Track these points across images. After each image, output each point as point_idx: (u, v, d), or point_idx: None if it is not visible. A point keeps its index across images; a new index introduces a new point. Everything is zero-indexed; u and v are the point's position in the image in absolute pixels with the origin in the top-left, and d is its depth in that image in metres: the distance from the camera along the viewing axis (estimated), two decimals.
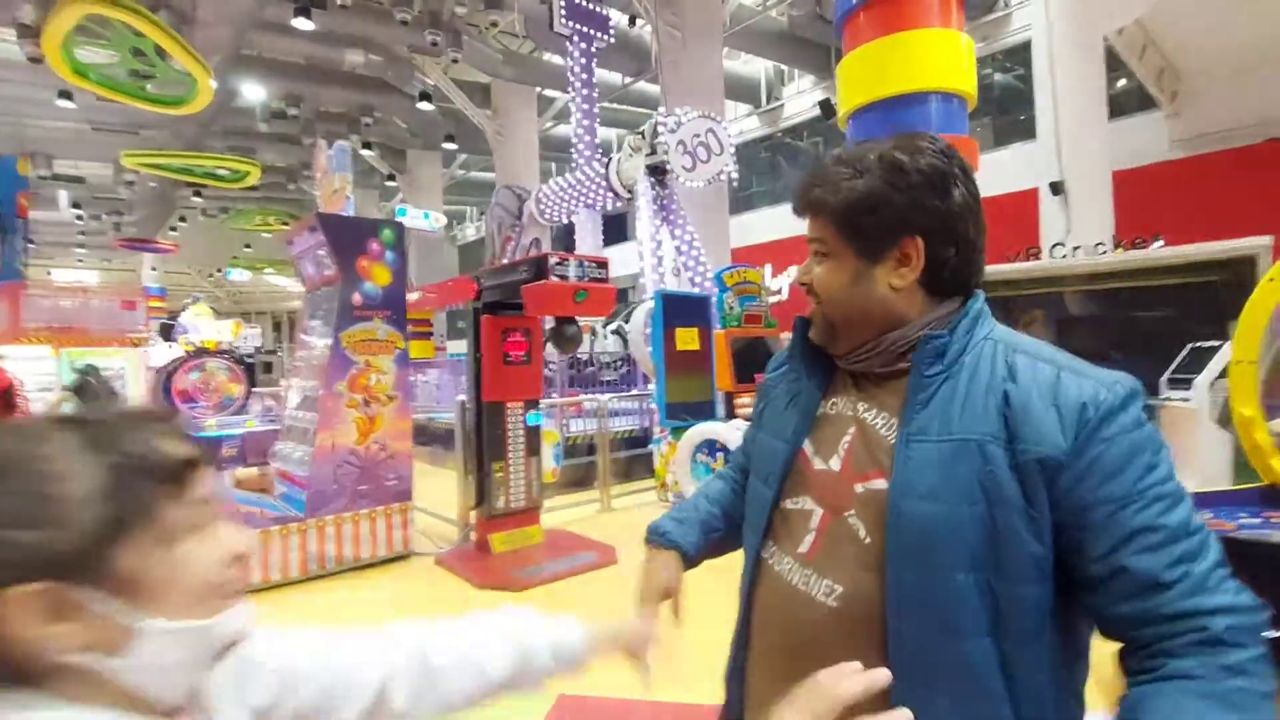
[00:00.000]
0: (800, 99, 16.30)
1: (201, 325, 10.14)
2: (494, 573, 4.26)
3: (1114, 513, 0.68)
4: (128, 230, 19.41)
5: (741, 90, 16.66)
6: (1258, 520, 2.17)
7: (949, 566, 0.70)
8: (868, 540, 0.77)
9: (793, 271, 15.90)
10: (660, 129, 8.13)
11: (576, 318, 4.23)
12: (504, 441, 4.69)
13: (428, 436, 8.80)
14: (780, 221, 16.08)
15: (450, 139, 16.46)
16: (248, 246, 23.57)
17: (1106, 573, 0.68)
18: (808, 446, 0.86)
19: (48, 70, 9.44)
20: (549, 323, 4.64)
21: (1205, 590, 0.65)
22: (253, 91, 13.07)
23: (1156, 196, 10.24)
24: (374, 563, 4.56)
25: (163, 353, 9.38)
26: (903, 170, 0.77)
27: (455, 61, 12.02)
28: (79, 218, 17.98)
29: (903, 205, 0.77)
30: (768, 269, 14.69)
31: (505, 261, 9.08)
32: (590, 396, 7.06)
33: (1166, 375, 5.57)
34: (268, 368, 9.90)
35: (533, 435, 4.86)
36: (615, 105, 16.00)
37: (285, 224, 18.67)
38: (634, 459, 7.36)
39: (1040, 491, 0.69)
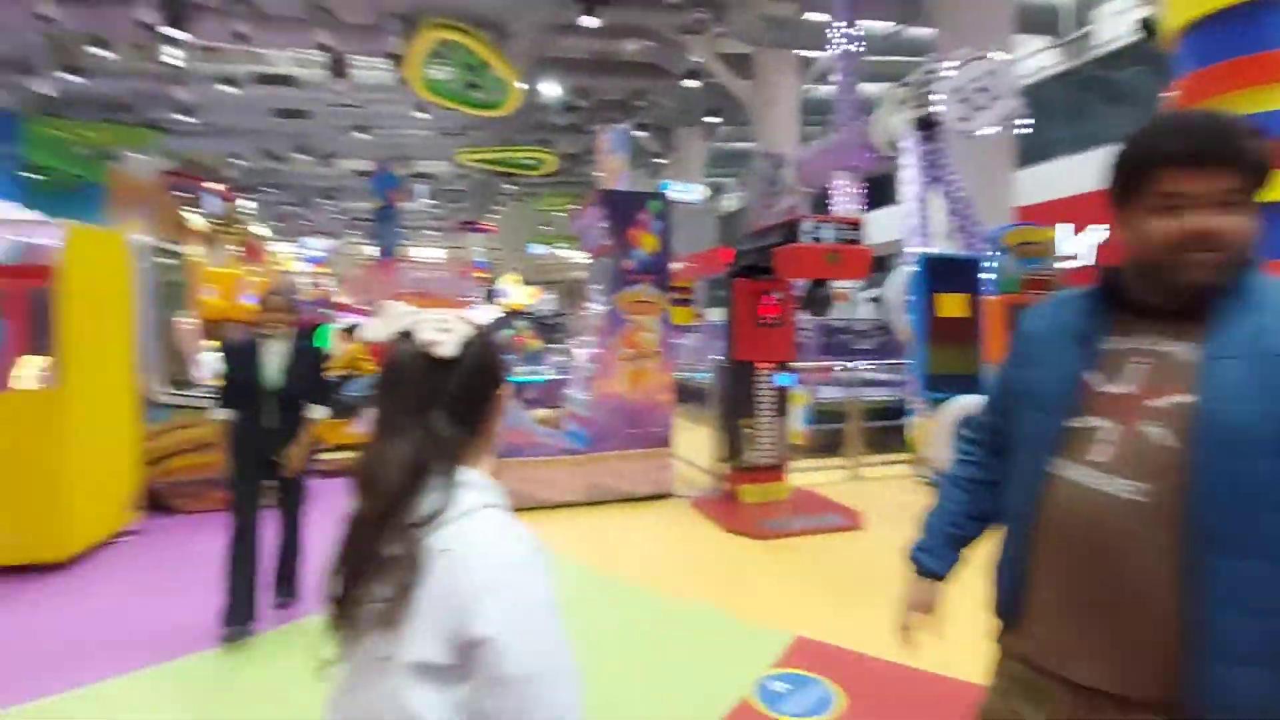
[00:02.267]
0: (1115, 22, 13.38)
1: (513, 291, 12.18)
2: (742, 520, 4.59)
3: None
4: (462, 215, 23.95)
5: (1036, 19, 14.25)
6: None
7: (1257, 455, 0.86)
8: (1169, 444, 0.91)
9: (1097, 231, 13.28)
10: (931, 76, 7.47)
11: (829, 280, 4.27)
12: (753, 400, 4.95)
13: (686, 394, 9.49)
14: (1086, 172, 13.52)
15: (713, 113, 16.97)
16: (546, 225, 27.33)
17: None
18: (1093, 375, 1.00)
19: (409, 91, 12.05)
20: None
21: None
22: (549, 89, 15.01)
23: None
24: (639, 497, 5.23)
25: (485, 313, 11.57)
26: (1265, 140, 0.93)
27: (721, 35, 12.34)
28: (432, 206, 22.73)
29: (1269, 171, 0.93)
30: (1068, 228, 12.55)
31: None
32: (843, 363, 6.97)
33: None
34: (559, 327, 11.56)
35: (782, 396, 5.05)
36: (881, 57, 14.90)
37: (575, 204, 21.21)
38: (888, 430, 7.10)
39: None
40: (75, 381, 3.83)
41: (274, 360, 2.95)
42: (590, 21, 11.69)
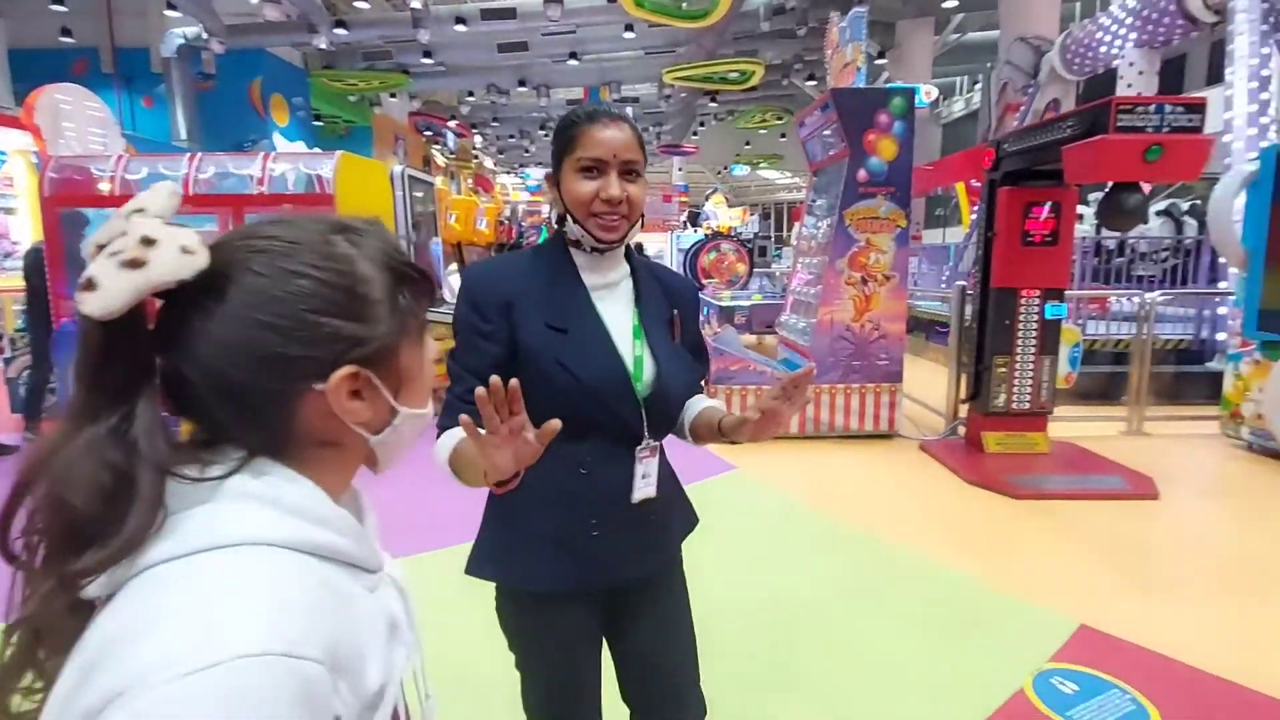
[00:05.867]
0: None
1: (719, 212, 11.83)
2: (985, 472, 3.97)
3: None
4: (664, 138, 23.76)
5: None
6: None
7: None
8: None
9: None
10: None
11: (1141, 184, 3.31)
12: (1012, 334, 4.18)
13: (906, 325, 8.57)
14: None
15: None
16: (747, 144, 26.14)
17: None
18: None
19: (617, 10, 11.81)
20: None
21: None
22: None
23: None
24: (860, 435, 4.77)
25: (689, 237, 11.39)
26: None
27: None
28: None
29: None
30: None
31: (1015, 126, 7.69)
32: (1128, 292, 5.66)
33: None
34: (763, 251, 11.05)
35: (1049, 331, 4.20)
36: None
37: (779, 119, 19.88)
38: (1183, 377, 5.74)
39: None
40: None
41: None
42: None
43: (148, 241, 0.45)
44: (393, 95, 18.32)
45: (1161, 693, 2.02)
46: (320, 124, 17.12)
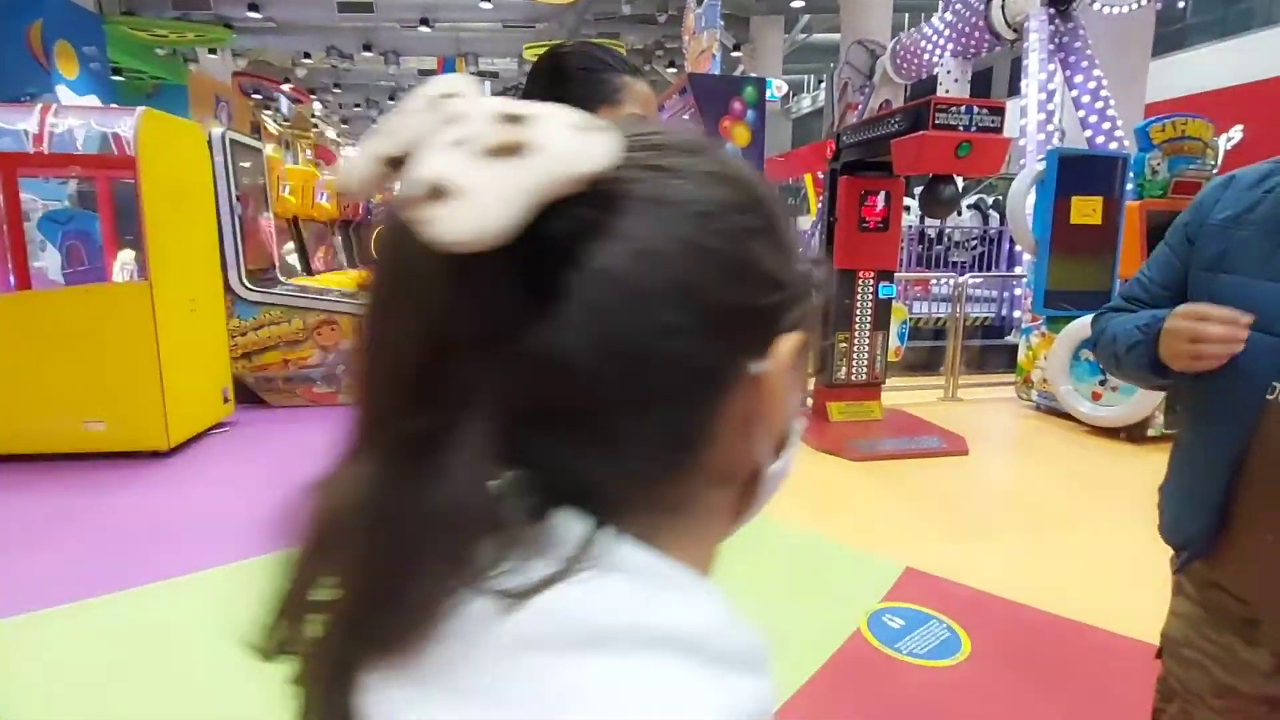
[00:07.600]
0: None
1: None
2: (831, 439, 4.32)
3: None
4: None
5: None
6: None
7: None
8: None
9: (1237, 134, 11.49)
10: None
11: (955, 176, 3.72)
12: (851, 312, 4.55)
13: None
14: (1232, 62, 11.60)
15: None
16: None
17: None
18: None
19: None
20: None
21: None
22: None
23: None
24: None
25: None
26: None
27: None
28: None
29: None
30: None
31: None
32: (945, 275, 6.38)
33: None
34: None
35: (882, 309, 4.62)
36: None
37: None
38: (987, 349, 6.58)
39: None
40: (161, 274, 3.80)
41: None
42: None
43: (510, 118, 0.24)
44: (212, 51, 16.24)
45: (971, 620, 2.32)
46: (121, 79, 14.78)
